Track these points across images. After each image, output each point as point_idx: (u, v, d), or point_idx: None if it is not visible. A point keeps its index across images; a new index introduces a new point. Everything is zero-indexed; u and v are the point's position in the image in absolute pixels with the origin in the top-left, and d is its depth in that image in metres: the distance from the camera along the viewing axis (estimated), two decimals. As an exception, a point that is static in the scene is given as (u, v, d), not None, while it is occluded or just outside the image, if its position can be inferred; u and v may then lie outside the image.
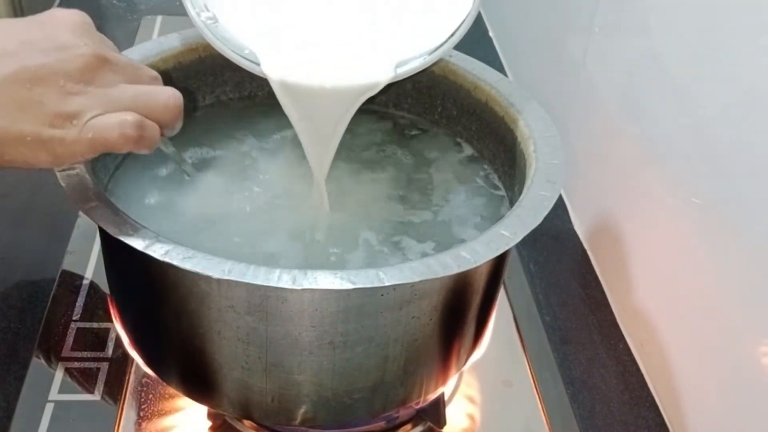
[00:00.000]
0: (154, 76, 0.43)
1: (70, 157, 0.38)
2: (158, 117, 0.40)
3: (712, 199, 0.53)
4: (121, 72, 0.40)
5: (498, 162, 0.57)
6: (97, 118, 0.38)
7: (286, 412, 0.48)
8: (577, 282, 0.70)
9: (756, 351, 0.49)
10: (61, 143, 0.37)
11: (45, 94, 0.37)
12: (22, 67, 0.37)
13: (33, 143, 0.37)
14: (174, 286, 0.44)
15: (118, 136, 0.38)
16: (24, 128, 0.36)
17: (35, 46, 0.37)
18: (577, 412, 0.58)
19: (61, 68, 0.37)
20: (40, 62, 0.37)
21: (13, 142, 0.36)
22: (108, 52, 0.40)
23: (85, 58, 0.38)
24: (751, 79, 0.49)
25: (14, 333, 0.60)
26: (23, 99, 0.36)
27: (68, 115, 0.37)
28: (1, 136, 0.36)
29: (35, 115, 0.36)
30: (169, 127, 0.42)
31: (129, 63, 0.41)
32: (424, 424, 0.55)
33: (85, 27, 0.40)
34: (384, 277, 0.40)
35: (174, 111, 0.41)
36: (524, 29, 0.95)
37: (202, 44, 0.57)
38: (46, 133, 0.37)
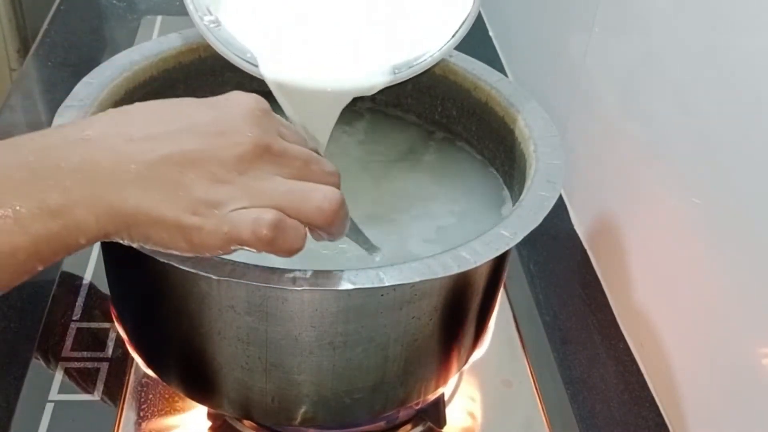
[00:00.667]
0: (330, 171, 0.39)
1: (206, 249, 0.36)
2: (309, 219, 0.37)
3: (712, 199, 0.53)
4: (285, 164, 0.37)
5: (498, 162, 0.57)
6: (238, 212, 0.35)
7: (286, 412, 0.48)
8: (577, 282, 0.70)
9: (756, 351, 0.49)
10: (198, 232, 0.35)
11: (194, 179, 0.35)
12: (177, 150, 0.35)
13: (173, 229, 0.35)
14: (174, 287, 0.44)
15: (250, 234, 0.35)
16: (166, 212, 0.34)
17: (196, 130, 0.36)
18: (577, 412, 0.58)
19: (216, 155, 0.35)
20: (196, 146, 0.35)
21: (153, 225, 0.35)
22: (275, 142, 0.37)
23: (244, 147, 0.36)
24: (751, 78, 0.49)
25: (14, 333, 0.60)
26: (172, 182, 0.35)
27: (211, 204, 0.35)
28: (145, 218, 0.34)
29: (180, 200, 0.35)
30: (324, 231, 0.38)
31: (300, 156, 0.38)
32: (424, 424, 0.55)
33: (257, 114, 0.37)
34: (384, 277, 0.40)
35: (328, 214, 0.37)
36: (524, 29, 0.95)
37: (203, 44, 0.57)
38: (187, 220, 0.35)
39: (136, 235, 0.35)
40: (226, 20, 0.50)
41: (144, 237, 0.35)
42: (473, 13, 0.49)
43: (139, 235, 0.35)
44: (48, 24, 1.00)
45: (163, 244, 0.36)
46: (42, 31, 0.99)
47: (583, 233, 0.74)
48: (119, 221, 0.34)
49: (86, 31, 1.00)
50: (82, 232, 0.34)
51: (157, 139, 0.35)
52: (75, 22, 1.01)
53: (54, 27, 1.00)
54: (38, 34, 0.99)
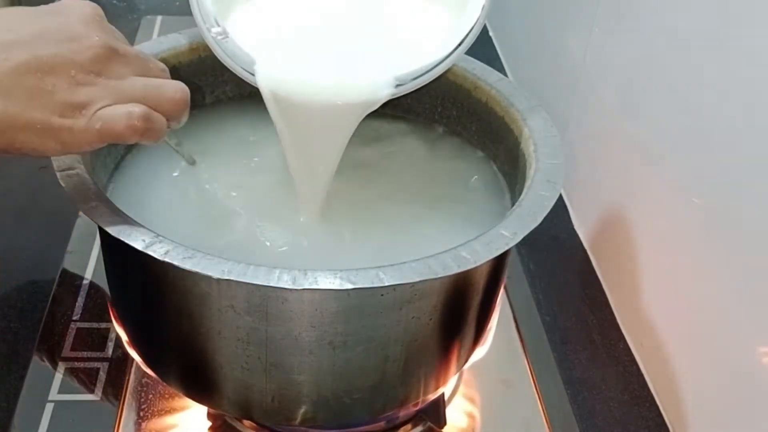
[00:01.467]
0: (162, 68, 0.44)
1: (77, 147, 0.39)
2: (165, 109, 0.41)
3: (712, 199, 0.53)
4: (131, 64, 0.41)
5: (498, 162, 0.57)
6: (106, 109, 0.38)
7: (286, 412, 0.48)
8: (577, 282, 0.70)
9: (756, 351, 0.49)
10: (69, 132, 0.38)
11: (55, 83, 0.37)
12: (33, 56, 0.37)
13: (42, 131, 0.37)
14: (174, 286, 0.44)
15: (125, 127, 0.38)
16: (34, 116, 0.37)
17: (47, 36, 0.38)
18: (577, 412, 0.58)
19: (72, 59, 0.38)
20: (51, 52, 0.38)
21: (22, 129, 0.37)
22: (118, 44, 0.41)
23: (96, 50, 0.39)
24: (751, 78, 0.49)
25: (14, 333, 0.60)
26: (34, 87, 0.37)
27: (77, 105, 0.38)
28: (12, 122, 0.37)
29: (45, 104, 0.37)
30: (176, 120, 0.42)
31: (138, 55, 0.42)
32: (424, 424, 0.55)
33: (96, 19, 0.41)
34: (384, 277, 0.40)
35: (181, 104, 0.42)
36: (524, 29, 0.95)
37: (203, 44, 0.57)
38: (56, 122, 0.37)
39: (4, 142, 0.37)
40: (233, 31, 0.50)
41: (10, 141, 0.37)
42: (478, 26, 0.48)
43: (5, 141, 0.37)
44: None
45: (31, 147, 0.38)
46: (42, 31, 0.99)
47: (583, 233, 0.74)
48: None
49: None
50: None
51: (11, 47, 0.37)
52: (75, 22, 1.01)
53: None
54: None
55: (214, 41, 0.50)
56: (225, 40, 0.50)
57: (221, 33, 0.50)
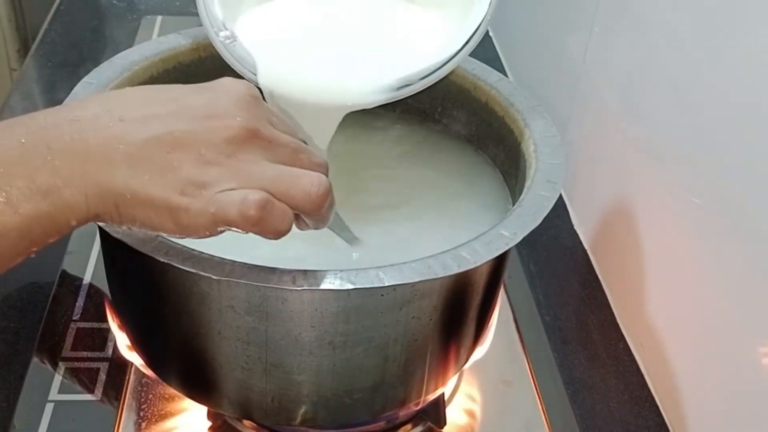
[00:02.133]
0: (318, 162, 0.39)
1: (193, 230, 0.36)
2: (296, 203, 0.37)
3: (712, 199, 0.53)
4: (274, 150, 0.37)
5: (498, 162, 0.57)
6: (225, 193, 0.35)
7: (286, 412, 0.48)
8: (577, 282, 0.70)
9: (756, 351, 0.49)
10: (186, 213, 0.35)
11: (183, 160, 0.35)
12: (166, 131, 0.35)
13: (161, 209, 0.35)
14: (174, 287, 0.44)
15: (237, 213, 0.35)
16: (155, 192, 0.35)
17: (187, 113, 0.36)
18: (577, 412, 0.58)
19: (205, 137, 0.36)
20: (186, 128, 0.36)
21: (142, 204, 0.35)
22: (264, 127, 0.37)
23: (233, 130, 0.36)
24: (751, 78, 0.49)
25: (14, 333, 0.60)
26: (160, 162, 0.35)
27: (199, 184, 0.35)
28: (133, 197, 0.35)
29: (168, 181, 0.35)
30: (312, 217, 0.38)
31: (289, 144, 0.38)
32: (424, 424, 0.55)
33: (248, 99, 0.38)
34: (384, 277, 0.40)
35: (315, 199, 0.37)
36: (524, 29, 0.95)
37: (203, 44, 0.57)
38: (174, 200, 0.35)
39: (124, 215, 0.35)
40: (241, 33, 0.50)
41: (131, 217, 0.35)
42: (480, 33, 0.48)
43: (127, 215, 0.35)
44: (48, 24, 1.00)
45: (150, 224, 0.36)
46: (42, 31, 0.99)
47: (583, 233, 0.74)
48: (108, 200, 0.35)
49: (86, 31, 1.00)
50: (72, 211, 0.34)
51: (148, 121, 0.35)
52: (75, 22, 1.01)
53: (54, 27, 1.00)
54: (38, 34, 0.99)
55: (222, 45, 0.50)
56: (233, 44, 0.49)
57: (229, 37, 0.49)
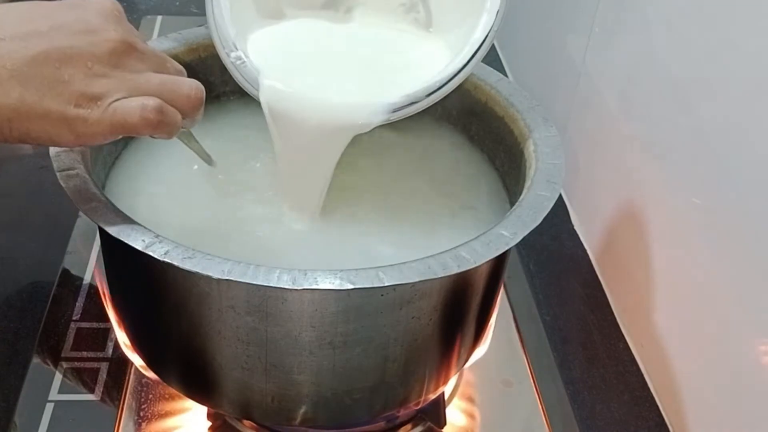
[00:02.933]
0: (179, 69, 0.44)
1: (91, 138, 0.39)
2: (180, 106, 0.41)
3: (712, 199, 0.53)
4: (148, 60, 0.41)
5: (498, 162, 0.57)
6: (120, 101, 0.39)
7: (286, 412, 0.48)
8: (577, 282, 0.70)
9: (756, 351, 0.49)
10: (83, 123, 0.38)
11: (72, 74, 0.38)
12: (51, 46, 0.37)
13: (57, 121, 0.37)
14: (174, 286, 0.44)
15: (138, 119, 0.39)
16: (50, 106, 0.37)
17: (65, 28, 0.38)
18: (577, 412, 0.58)
19: (90, 51, 0.38)
20: (69, 43, 0.38)
21: (38, 118, 0.37)
22: (136, 40, 0.41)
23: (114, 43, 0.39)
24: (751, 78, 0.49)
25: (14, 333, 0.60)
26: (51, 77, 0.37)
27: (93, 96, 0.38)
28: (28, 111, 0.37)
29: (61, 94, 0.37)
30: (190, 118, 0.42)
31: (156, 53, 0.42)
32: (424, 424, 0.55)
33: (115, 13, 0.41)
34: (384, 277, 0.40)
35: (196, 101, 0.42)
36: (524, 29, 0.95)
37: (203, 44, 0.57)
38: (71, 112, 0.37)
39: (16, 129, 0.37)
40: (251, 54, 0.50)
41: (24, 131, 0.37)
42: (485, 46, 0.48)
43: (20, 129, 0.37)
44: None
45: (46, 135, 0.38)
46: (42, 31, 0.98)
47: (583, 233, 0.74)
48: (1, 116, 0.36)
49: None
50: None
51: (29, 38, 0.37)
52: (75, 22, 1.01)
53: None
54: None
55: (233, 66, 0.50)
56: (243, 64, 0.50)
57: (239, 58, 0.50)
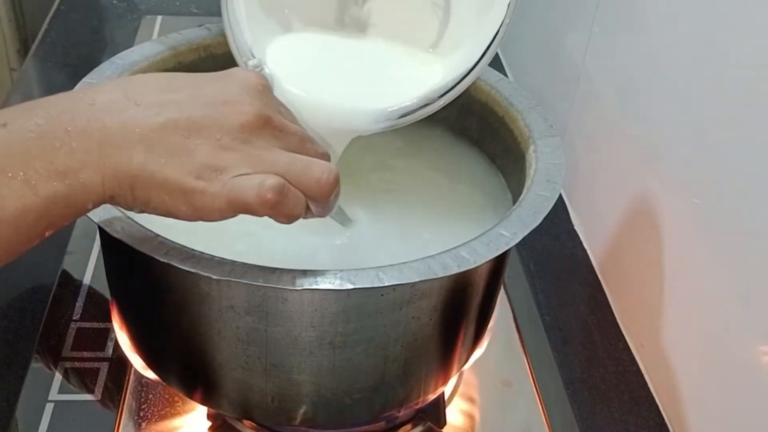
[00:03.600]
0: (321, 152, 0.41)
1: (208, 213, 0.37)
2: (307, 188, 0.38)
3: (712, 199, 0.53)
4: (284, 139, 0.39)
5: (498, 162, 0.57)
6: (241, 177, 0.36)
7: (286, 412, 0.48)
8: (577, 282, 0.70)
9: (756, 351, 0.49)
10: (201, 196, 0.36)
11: (199, 145, 0.36)
12: (183, 116, 0.36)
13: (176, 192, 0.36)
14: (174, 287, 0.44)
15: (255, 197, 0.36)
16: (170, 174, 0.36)
17: (202, 99, 0.37)
18: (577, 412, 0.58)
19: (221, 123, 0.37)
20: (202, 114, 0.37)
21: (157, 186, 0.36)
22: (275, 116, 0.39)
23: (247, 117, 0.37)
24: (751, 78, 0.49)
25: (14, 333, 0.60)
26: (177, 146, 0.36)
27: (215, 169, 0.36)
28: (147, 180, 0.35)
29: (184, 164, 0.36)
30: (319, 204, 0.39)
31: (297, 133, 0.40)
32: (424, 424, 0.55)
33: (259, 88, 0.39)
34: (384, 277, 0.40)
35: (326, 187, 0.38)
36: (524, 29, 0.95)
37: (203, 44, 0.57)
38: (190, 183, 0.36)
39: (138, 198, 0.36)
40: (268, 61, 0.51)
41: (146, 199, 0.36)
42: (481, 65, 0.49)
43: (141, 198, 0.36)
44: (48, 24, 1.00)
45: (164, 207, 0.36)
46: (42, 31, 0.99)
47: (583, 233, 0.74)
48: (124, 182, 0.35)
49: (86, 31, 1.00)
50: (88, 193, 0.35)
51: (164, 106, 0.36)
52: (75, 22, 1.01)
53: (54, 27, 1.00)
54: (38, 34, 0.99)
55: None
56: (260, 72, 0.50)
57: (257, 65, 0.50)
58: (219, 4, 0.52)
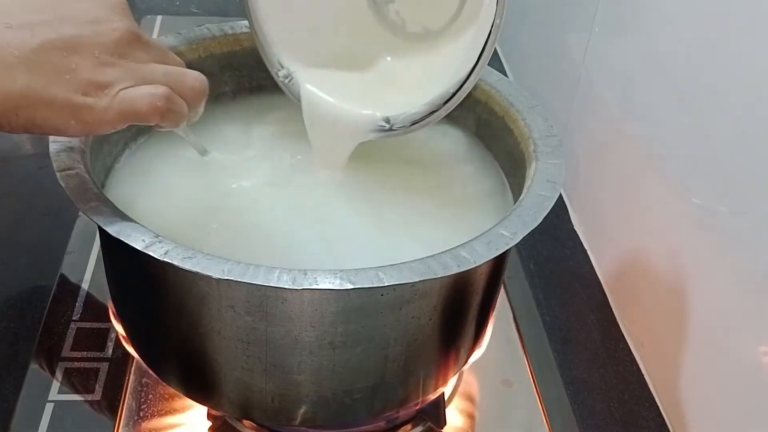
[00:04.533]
0: (180, 62, 0.44)
1: (98, 126, 0.39)
2: (185, 95, 0.41)
3: (712, 199, 0.53)
4: (152, 52, 0.42)
5: (498, 162, 0.57)
6: (128, 90, 0.39)
7: (286, 412, 0.48)
8: (577, 282, 0.70)
9: (756, 351, 0.49)
10: (90, 111, 0.38)
11: (79, 62, 0.38)
12: (58, 35, 0.37)
13: (64, 109, 0.37)
14: (174, 286, 0.44)
15: (147, 106, 0.39)
16: (57, 93, 0.37)
17: (72, 18, 0.39)
18: (577, 412, 0.58)
19: (96, 40, 0.39)
20: (76, 32, 0.38)
21: (44, 105, 0.37)
22: (141, 32, 0.41)
23: (120, 33, 0.40)
24: (751, 78, 0.49)
25: (14, 333, 0.60)
26: (58, 65, 0.37)
27: (100, 84, 0.38)
28: (34, 98, 0.36)
29: (68, 82, 0.37)
30: (194, 108, 0.43)
31: (159, 45, 0.43)
32: (424, 424, 0.55)
33: (121, 6, 0.41)
34: (384, 277, 0.40)
35: (200, 92, 0.42)
36: (524, 29, 0.95)
37: (202, 44, 0.57)
38: (78, 100, 0.37)
39: (23, 118, 0.37)
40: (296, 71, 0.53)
41: (30, 119, 0.37)
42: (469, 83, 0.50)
43: (27, 118, 0.37)
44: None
45: (51, 124, 0.38)
46: (42, 31, 0.99)
47: (583, 233, 0.74)
48: (8, 104, 0.36)
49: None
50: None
51: (36, 27, 0.37)
52: (75, 22, 1.01)
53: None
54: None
55: (283, 85, 0.54)
56: (291, 82, 0.54)
57: (287, 75, 0.53)
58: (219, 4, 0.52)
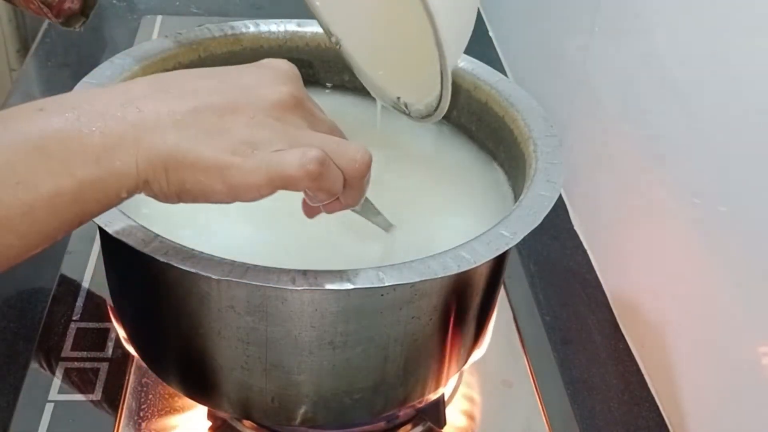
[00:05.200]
0: (343, 134, 0.42)
1: (245, 190, 0.36)
2: (343, 167, 0.37)
3: (712, 199, 0.53)
4: (315, 122, 0.39)
5: (498, 162, 0.57)
6: (279, 152, 0.36)
7: (286, 412, 0.48)
8: (577, 282, 0.70)
9: (756, 351, 0.49)
10: (237, 171, 0.35)
11: (233, 123, 0.36)
12: (217, 99, 0.37)
13: (211, 169, 0.35)
14: (174, 287, 0.44)
15: (297, 169, 0.35)
16: (204, 151, 0.35)
17: (236, 83, 0.38)
18: (577, 412, 0.58)
19: (255, 103, 0.37)
20: (235, 97, 0.37)
21: (191, 165, 0.35)
22: (306, 100, 0.39)
23: (281, 95, 0.38)
24: (751, 79, 0.49)
25: (14, 333, 0.60)
26: (211, 125, 0.36)
27: (251, 144, 0.36)
28: (181, 159, 0.35)
29: (219, 142, 0.35)
30: (353, 187, 0.39)
31: (325, 117, 0.40)
32: (424, 424, 0.55)
33: (291, 75, 0.39)
34: (384, 277, 0.40)
35: (361, 166, 0.38)
36: (524, 29, 0.95)
37: (203, 44, 0.57)
38: (226, 158, 0.35)
39: (172, 180, 0.36)
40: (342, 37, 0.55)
41: (180, 180, 0.36)
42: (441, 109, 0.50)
43: (176, 179, 0.36)
44: (48, 24, 1.00)
45: (200, 187, 0.36)
46: (42, 31, 0.99)
47: (583, 233, 0.74)
48: (157, 164, 0.35)
49: (86, 31, 1.00)
50: (122, 177, 0.35)
51: (197, 91, 0.37)
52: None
53: (54, 27, 0.99)
54: (38, 34, 0.99)
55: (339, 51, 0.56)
56: (339, 47, 0.55)
57: (337, 42, 0.55)
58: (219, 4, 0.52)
